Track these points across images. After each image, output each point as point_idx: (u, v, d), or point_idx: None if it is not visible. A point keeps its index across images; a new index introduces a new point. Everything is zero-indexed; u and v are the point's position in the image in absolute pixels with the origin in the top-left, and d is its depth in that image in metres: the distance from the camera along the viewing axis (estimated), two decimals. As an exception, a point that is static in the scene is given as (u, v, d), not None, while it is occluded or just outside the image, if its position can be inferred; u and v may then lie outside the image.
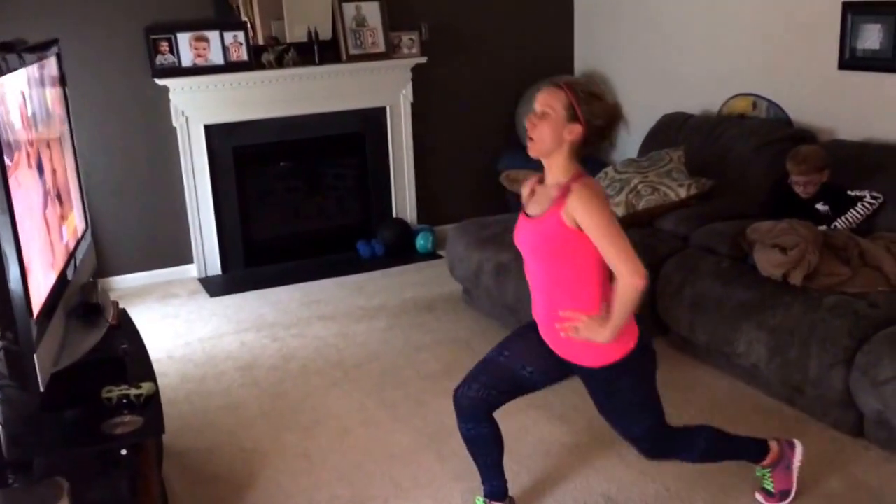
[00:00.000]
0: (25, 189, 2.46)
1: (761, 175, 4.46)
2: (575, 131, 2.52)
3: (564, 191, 2.53)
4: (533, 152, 2.59)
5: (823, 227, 3.88)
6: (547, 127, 2.53)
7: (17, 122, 2.48)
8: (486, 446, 2.91)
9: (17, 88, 2.55)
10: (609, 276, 2.58)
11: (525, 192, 2.77)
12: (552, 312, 2.65)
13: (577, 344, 2.63)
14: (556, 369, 2.77)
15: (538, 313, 2.74)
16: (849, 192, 3.98)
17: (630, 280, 2.46)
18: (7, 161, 2.24)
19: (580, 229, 2.49)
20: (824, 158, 4.02)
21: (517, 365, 2.79)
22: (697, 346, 4.04)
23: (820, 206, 4.00)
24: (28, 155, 2.57)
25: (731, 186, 4.56)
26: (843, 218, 3.94)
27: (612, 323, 2.54)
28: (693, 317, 3.94)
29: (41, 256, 2.56)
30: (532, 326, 2.82)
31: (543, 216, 2.57)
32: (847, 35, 4.34)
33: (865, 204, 3.93)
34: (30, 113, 2.67)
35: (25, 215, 2.40)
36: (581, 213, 2.47)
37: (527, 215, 2.68)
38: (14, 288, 2.20)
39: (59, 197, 2.95)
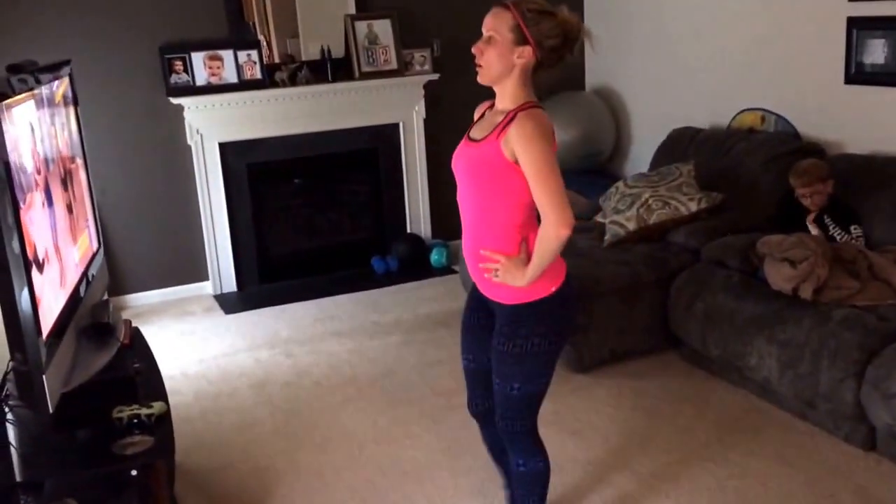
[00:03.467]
0: (36, 209, 2.49)
1: (770, 188, 4.45)
2: (525, 54, 2.38)
3: (509, 119, 2.38)
4: (482, 79, 2.45)
5: (842, 235, 3.88)
6: (494, 52, 2.39)
7: (27, 144, 2.51)
8: (504, 454, 2.86)
9: (28, 109, 2.58)
10: (535, 219, 2.45)
11: (476, 115, 2.63)
12: (477, 247, 2.53)
13: (499, 282, 2.51)
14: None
15: (466, 248, 2.61)
16: (853, 228, 3.97)
17: (554, 229, 2.33)
18: (17, 182, 2.27)
19: (517, 163, 2.36)
20: (825, 169, 4.01)
21: (483, 360, 2.70)
22: (710, 359, 4.03)
23: (827, 220, 3.99)
24: (39, 176, 2.60)
25: (741, 200, 4.55)
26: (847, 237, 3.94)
27: (530, 268, 2.42)
28: (705, 331, 3.94)
29: (51, 276, 2.59)
30: (469, 308, 2.74)
31: (483, 141, 2.44)
32: (853, 50, 4.35)
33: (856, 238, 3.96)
34: (40, 134, 2.69)
35: (36, 236, 2.43)
36: (519, 145, 2.32)
37: (469, 139, 2.54)
38: (23, 308, 2.22)
39: (71, 216, 2.98)
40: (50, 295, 2.52)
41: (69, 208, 2.97)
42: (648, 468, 3.35)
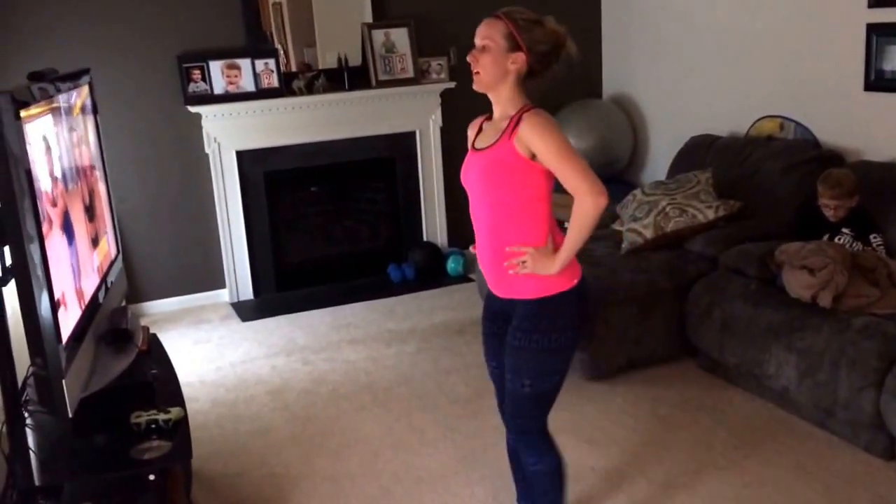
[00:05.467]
0: (56, 216, 2.51)
1: (789, 196, 4.43)
2: (518, 60, 2.49)
3: (515, 121, 2.49)
4: (477, 86, 2.55)
5: (857, 246, 3.85)
6: (489, 59, 2.50)
7: (48, 152, 2.53)
8: None
9: (48, 117, 2.60)
10: (552, 213, 2.54)
11: (472, 132, 2.72)
12: (499, 250, 2.57)
13: (519, 279, 2.55)
14: None
15: (483, 254, 2.65)
16: (872, 237, 3.94)
17: (592, 199, 2.40)
18: (37, 189, 2.28)
19: (532, 159, 2.45)
20: (856, 183, 3.97)
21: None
22: (727, 368, 4.01)
23: (847, 231, 3.96)
24: (59, 183, 2.62)
25: (760, 208, 4.52)
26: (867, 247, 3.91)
27: (564, 250, 2.49)
28: (722, 339, 3.92)
29: (71, 283, 2.60)
30: (486, 318, 2.77)
31: (494, 146, 2.52)
32: (872, 57, 4.33)
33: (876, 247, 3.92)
34: (61, 141, 2.72)
35: (55, 242, 2.44)
36: (535, 139, 2.43)
37: (475, 149, 2.62)
38: (43, 314, 2.24)
39: (90, 223, 3.00)
40: (69, 300, 2.53)
41: (89, 215, 2.99)
42: (664, 477, 3.34)
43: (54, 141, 2.62)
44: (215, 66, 5.36)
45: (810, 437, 3.56)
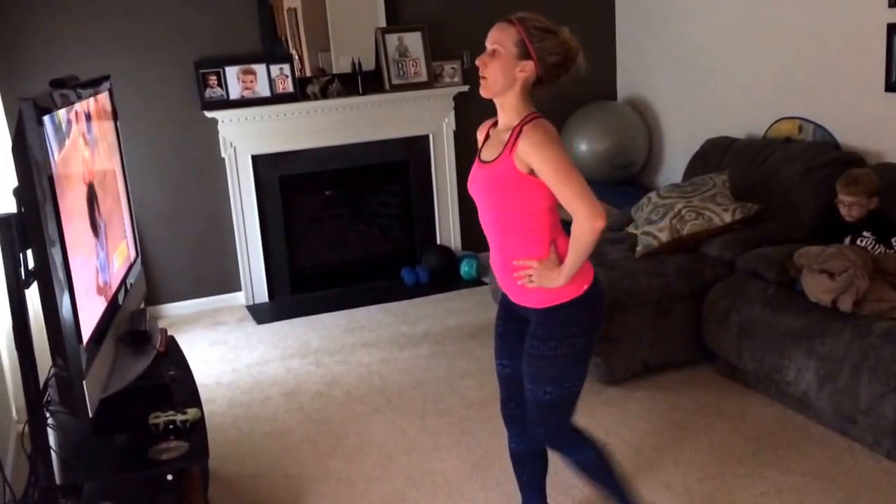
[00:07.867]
0: (77, 220, 2.51)
1: (808, 199, 4.38)
2: (527, 68, 2.44)
3: (516, 134, 2.44)
4: (484, 92, 2.50)
5: (879, 250, 3.82)
6: (497, 65, 2.44)
7: (69, 155, 2.54)
8: (527, 462, 2.91)
9: (69, 122, 2.61)
10: (559, 220, 2.52)
11: (480, 136, 2.69)
12: (507, 259, 2.58)
13: (529, 288, 2.55)
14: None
15: (494, 261, 2.66)
16: (894, 240, 3.90)
17: (589, 223, 2.36)
18: (58, 192, 2.29)
19: (532, 174, 2.41)
20: (876, 184, 3.93)
21: (517, 365, 2.72)
22: (746, 373, 3.99)
23: (868, 234, 3.92)
24: (80, 186, 2.63)
25: (778, 211, 4.49)
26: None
27: (566, 267, 2.46)
28: (740, 344, 3.89)
29: (91, 285, 2.61)
30: (500, 317, 2.78)
31: (495, 162, 2.49)
32: (893, 57, 4.28)
33: None
34: (81, 146, 2.73)
35: (77, 245, 2.45)
36: (533, 156, 2.38)
37: (481, 161, 2.59)
38: (65, 316, 2.25)
39: (110, 227, 3.01)
40: (90, 302, 2.54)
41: (108, 218, 3.00)
42: (682, 484, 3.31)
43: (75, 146, 2.64)
44: (231, 72, 5.39)
45: (831, 444, 3.53)
